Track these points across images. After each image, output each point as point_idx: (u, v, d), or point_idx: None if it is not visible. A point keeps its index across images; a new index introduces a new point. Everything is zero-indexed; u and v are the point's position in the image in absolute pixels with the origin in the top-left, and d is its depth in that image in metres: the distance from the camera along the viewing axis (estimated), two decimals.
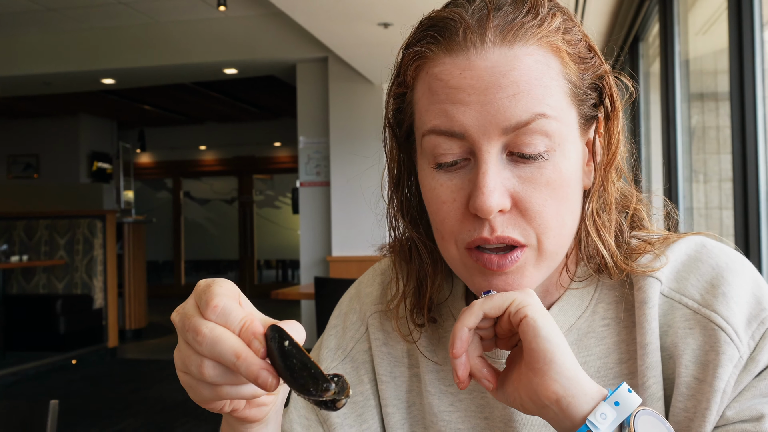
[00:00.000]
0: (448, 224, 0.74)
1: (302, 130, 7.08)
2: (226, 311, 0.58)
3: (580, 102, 0.75)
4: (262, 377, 0.56)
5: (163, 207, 13.35)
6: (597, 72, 0.76)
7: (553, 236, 0.73)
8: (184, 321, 0.59)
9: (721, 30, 2.73)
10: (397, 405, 0.88)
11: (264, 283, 13.17)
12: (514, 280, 0.73)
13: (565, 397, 0.65)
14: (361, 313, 0.93)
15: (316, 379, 0.55)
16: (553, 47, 0.72)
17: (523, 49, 0.70)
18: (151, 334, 8.91)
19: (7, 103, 9.58)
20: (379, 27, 4.98)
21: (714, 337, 0.72)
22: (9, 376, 6.52)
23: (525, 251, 0.72)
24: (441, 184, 0.74)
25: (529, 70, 0.70)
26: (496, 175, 0.70)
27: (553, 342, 0.66)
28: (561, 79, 0.72)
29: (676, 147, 3.61)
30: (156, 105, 10.76)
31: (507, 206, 0.70)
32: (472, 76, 0.70)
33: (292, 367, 0.55)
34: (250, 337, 0.57)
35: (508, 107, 0.69)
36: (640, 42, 4.89)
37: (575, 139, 0.74)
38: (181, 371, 0.61)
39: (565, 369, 0.65)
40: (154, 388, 6.11)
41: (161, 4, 6.46)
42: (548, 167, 0.71)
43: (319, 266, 7.01)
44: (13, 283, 7.84)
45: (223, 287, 0.60)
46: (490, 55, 0.70)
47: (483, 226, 0.71)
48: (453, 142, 0.72)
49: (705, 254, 0.77)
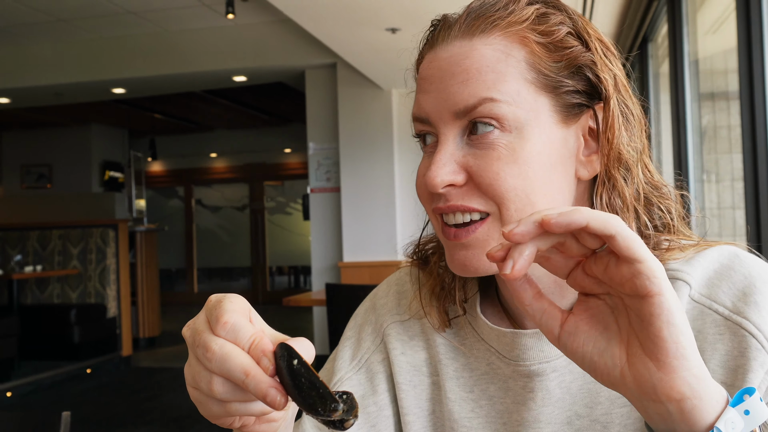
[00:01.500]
0: (422, 196, 0.81)
1: (312, 136, 7.09)
2: (236, 328, 0.58)
3: (552, 89, 0.76)
4: (270, 395, 0.56)
5: (175, 215, 13.41)
6: (580, 60, 0.77)
7: (514, 209, 0.75)
8: (194, 336, 0.59)
9: (730, 29, 2.72)
10: (417, 413, 0.89)
11: (276, 290, 13.19)
12: (474, 254, 0.77)
13: (692, 398, 0.56)
14: (377, 324, 0.94)
15: (324, 399, 0.54)
16: (519, 37, 0.76)
17: (482, 39, 0.76)
18: (165, 342, 8.94)
19: (19, 114, 9.66)
20: (387, 32, 4.98)
21: (744, 343, 0.72)
22: (24, 386, 6.55)
23: (487, 222, 0.76)
24: (421, 163, 0.82)
25: (482, 58, 0.75)
26: (447, 153, 0.76)
27: (687, 334, 0.55)
28: (523, 67, 0.75)
29: (687, 147, 3.59)
30: (166, 113, 10.82)
31: (458, 180, 0.75)
32: (436, 66, 0.78)
33: (300, 386, 0.55)
34: (260, 355, 0.56)
35: (457, 93, 0.75)
36: (649, 43, 4.87)
37: (546, 125, 0.76)
38: (191, 386, 0.61)
39: (694, 366, 0.56)
40: (167, 396, 6.12)
41: (170, 14, 6.50)
42: (500, 146, 0.74)
43: (330, 272, 7.01)
44: (28, 293, 7.89)
45: (234, 303, 0.59)
46: (451, 47, 0.77)
47: (440, 199, 0.77)
48: (424, 126, 0.80)
49: (738, 263, 0.77)
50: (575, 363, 0.61)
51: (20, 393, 6.44)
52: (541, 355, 0.81)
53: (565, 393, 0.81)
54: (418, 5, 4.38)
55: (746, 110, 2.39)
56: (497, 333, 0.84)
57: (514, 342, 0.83)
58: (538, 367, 0.81)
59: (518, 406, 0.83)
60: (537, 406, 0.81)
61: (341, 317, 3.79)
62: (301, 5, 4.55)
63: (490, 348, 0.86)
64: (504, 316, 0.88)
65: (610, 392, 0.79)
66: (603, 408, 0.79)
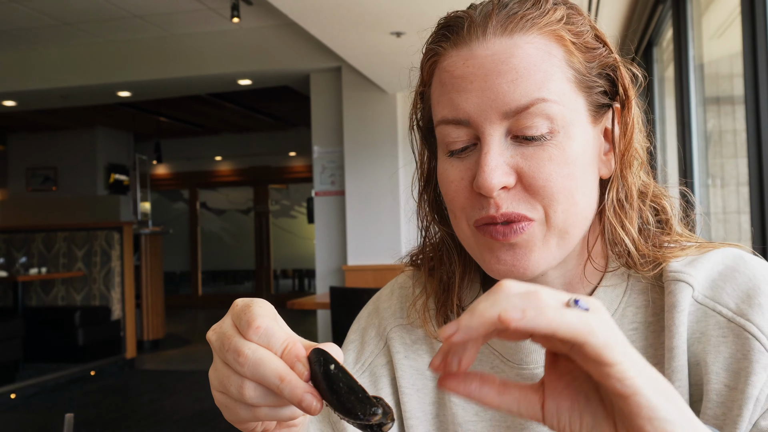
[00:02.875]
0: (457, 202, 0.77)
1: (316, 139, 7.10)
2: (269, 333, 0.57)
3: (587, 89, 0.77)
4: (306, 401, 0.55)
5: (180, 218, 13.43)
6: (605, 61, 0.79)
7: (561, 210, 0.74)
8: (223, 341, 0.58)
9: (736, 33, 2.72)
10: (420, 417, 0.88)
11: (280, 293, 13.19)
12: (523, 254, 0.75)
13: None
14: (381, 327, 0.94)
15: (363, 404, 0.54)
16: (556, 36, 0.75)
17: (523, 38, 0.74)
18: (169, 344, 8.95)
19: (25, 117, 9.70)
20: (392, 36, 4.99)
21: (747, 345, 0.71)
22: (29, 388, 6.56)
23: (533, 225, 0.74)
24: (452, 166, 0.78)
25: (528, 57, 0.73)
26: (498, 155, 0.73)
27: (674, 420, 0.50)
28: (564, 66, 0.75)
29: (692, 152, 3.58)
30: (172, 116, 10.85)
31: (510, 183, 0.73)
32: (474, 64, 0.74)
33: (338, 391, 0.55)
34: (294, 360, 0.56)
35: (507, 92, 0.72)
36: (653, 47, 4.87)
37: (583, 124, 0.76)
38: (217, 391, 0.60)
39: None
40: (171, 399, 6.13)
41: (176, 17, 6.52)
42: (551, 146, 0.73)
43: (334, 275, 7.01)
44: (33, 295, 7.91)
45: (263, 308, 0.59)
46: (490, 45, 0.74)
47: (489, 204, 0.74)
48: (460, 129, 0.75)
49: (742, 265, 0.77)
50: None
51: (24, 395, 6.44)
52: (543, 358, 0.81)
53: None
54: (423, 9, 4.38)
55: (751, 115, 2.38)
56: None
57: (517, 345, 0.83)
58: (541, 370, 0.81)
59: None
60: None
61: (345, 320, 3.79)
62: (306, 9, 4.56)
63: (493, 351, 0.86)
64: None
65: None
66: None
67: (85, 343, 7.41)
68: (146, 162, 11.35)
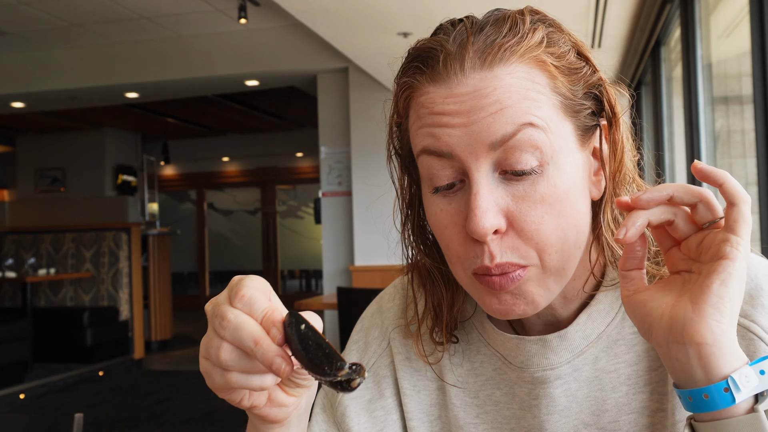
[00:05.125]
0: (452, 249, 0.74)
1: (324, 140, 7.11)
2: (252, 301, 0.61)
3: (575, 113, 0.74)
4: (276, 363, 0.58)
5: (187, 219, 13.46)
6: (590, 81, 0.75)
7: (554, 252, 0.72)
8: (214, 309, 0.62)
9: (744, 33, 2.70)
10: (421, 419, 0.88)
11: (288, 293, 13.21)
12: (523, 297, 0.73)
13: (712, 345, 0.60)
14: (383, 327, 0.94)
15: (330, 358, 0.57)
16: (538, 62, 0.71)
17: (503, 69, 0.70)
18: (177, 345, 8.97)
19: (34, 118, 9.74)
20: (399, 36, 4.99)
21: (753, 346, 0.71)
22: (37, 388, 6.59)
23: (527, 271, 0.72)
24: (441, 209, 0.74)
25: (510, 87, 0.69)
26: (488, 195, 0.69)
27: (733, 299, 0.61)
28: (549, 93, 0.71)
29: (700, 151, 3.57)
30: (179, 117, 10.88)
31: (502, 226, 0.70)
32: (455, 101, 0.70)
33: (307, 348, 0.58)
34: (270, 325, 0.60)
35: (492, 123, 0.69)
36: (661, 46, 4.85)
37: (572, 151, 0.73)
38: (203, 357, 0.64)
39: (724, 321, 0.60)
40: (179, 399, 6.14)
41: (183, 18, 6.54)
42: (542, 183, 0.70)
43: (342, 276, 7.01)
44: (41, 296, 7.94)
45: (254, 281, 0.63)
46: (470, 81, 0.70)
47: (483, 252, 0.71)
48: (444, 162, 0.72)
49: None
50: (625, 304, 0.68)
51: (33, 395, 6.47)
52: (545, 362, 0.80)
53: (570, 401, 0.80)
54: (430, 10, 4.38)
55: (760, 114, 2.37)
56: (502, 338, 0.84)
57: (519, 348, 0.82)
58: (542, 374, 0.81)
59: (524, 413, 0.82)
60: (542, 413, 0.81)
61: (352, 321, 3.79)
62: (313, 10, 4.57)
63: (496, 353, 0.85)
64: (511, 321, 0.87)
65: (617, 399, 0.79)
66: (610, 416, 0.79)
67: (94, 343, 7.44)
68: (154, 163, 11.40)
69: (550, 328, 0.83)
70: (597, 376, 0.80)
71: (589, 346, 0.80)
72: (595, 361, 0.80)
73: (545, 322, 0.83)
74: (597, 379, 0.80)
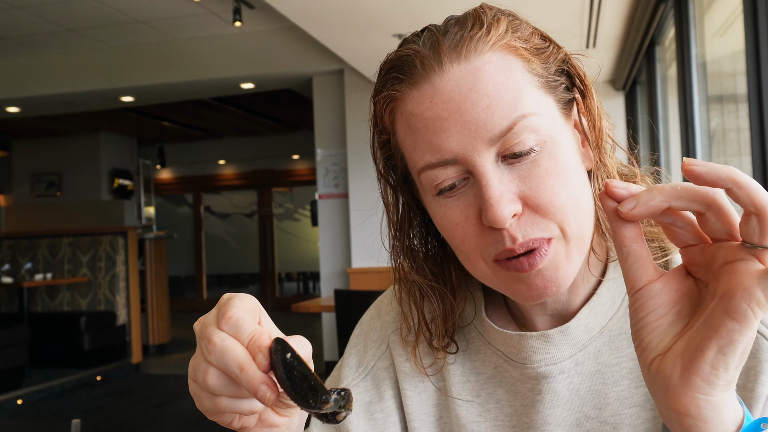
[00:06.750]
0: (469, 242, 0.74)
1: (320, 142, 7.11)
2: (239, 323, 0.59)
3: (553, 90, 0.76)
4: (261, 391, 0.57)
5: (184, 222, 13.45)
6: (558, 57, 0.77)
7: (572, 221, 0.72)
8: (202, 330, 0.61)
9: (738, 32, 2.71)
10: (423, 419, 0.89)
11: (285, 296, 13.20)
12: (553, 274, 0.73)
13: (695, 419, 0.53)
14: (382, 331, 0.94)
15: (315, 391, 0.56)
16: (509, 48, 0.73)
17: (479, 59, 0.72)
18: (175, 349, 8.96)
19: (29, 123, 9.72)
20: (394, 38, 4.99)
21: (756, 345, 0.71)
22: (35, 393, 6.58)
23: (552, 243, 0.72)
24: (450, 208, 0.75)
25: (493, 78, 0.71)
26: (498, 184, 0.70)
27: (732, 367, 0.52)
28: (528, 75, 0.73)
29: (696, 150, 3.58)
30: (175, 121, 10.87)
31: (519, 210, 0.71)
32: (442, 100, 0.71)
33: (292, 378, 0.56)
34: (256, 350, 0.58)
35: (486, 119, 0.70)
36: (656, 46, 4.86)
37: (561, 125, 0.75)
38: (191, 378, 0.62)
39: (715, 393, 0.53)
40: (177, 404, 6.13)
41: (178, 22, 6.53)
42: (543, 158, 0.71)
43: (339, 278, 7.01)
44: (38, 301, 7.92)
45: (243, 301, 0.61)
46: (451, 75, 0.71)
47: (503, 237, 0.71)
48: (447, 169, 0.73)
49: None
50: (630, 321, 0.58)
51: (31, 400, 6.46)
52: (548, 357, 0.81)
53: (573, 395, 0.81)
54: (425, 11, 4.39)
55: (755, 113, 2.38)
56: (504, 336, 0.84)
57: (521, 344, 0.82)
58: (545, 369, 0.81)
59: (527, 409, 0.83)
60: (545, 408, 0.81)
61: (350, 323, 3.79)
62: (308, 12, 4.57)
63: (496, 351, 0.86)
64: (511, 319, 0.88)
65: (619, 393, 0.79)
66: (612, 409, 0.79)
67: (91, 348, 7.42)
68: (150, 166, 11.37)
69: (555, 322, 0.83)
70: (599, 369, 0.80)
71: (592, 340, 0.81)
72: (598, 355, 0.80)
73: (552, 313, 0.83)
74: (599, 372, 0.80)
